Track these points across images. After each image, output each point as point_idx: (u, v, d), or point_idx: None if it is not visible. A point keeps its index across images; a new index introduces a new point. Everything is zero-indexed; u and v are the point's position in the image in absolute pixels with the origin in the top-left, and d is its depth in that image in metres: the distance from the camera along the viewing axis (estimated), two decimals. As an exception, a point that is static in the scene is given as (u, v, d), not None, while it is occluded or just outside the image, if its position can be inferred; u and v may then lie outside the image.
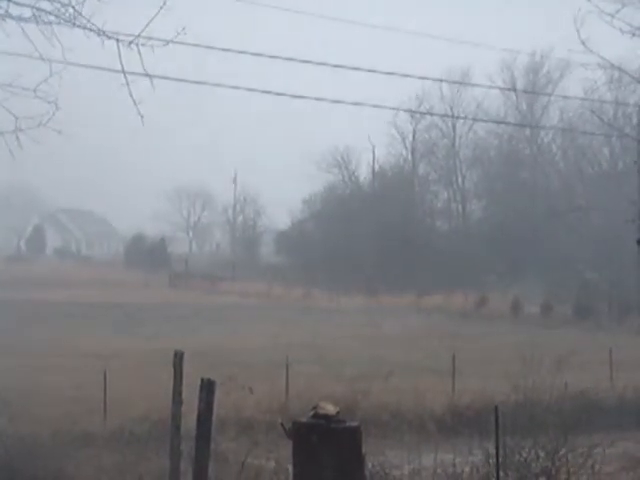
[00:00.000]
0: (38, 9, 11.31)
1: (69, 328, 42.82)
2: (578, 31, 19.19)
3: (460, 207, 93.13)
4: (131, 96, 11.79)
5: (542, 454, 12.26)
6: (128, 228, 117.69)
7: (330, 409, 11.35)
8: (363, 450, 11.54)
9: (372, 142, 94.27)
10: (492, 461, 12.13)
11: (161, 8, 11.55)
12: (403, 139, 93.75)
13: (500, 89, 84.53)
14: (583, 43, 19.54)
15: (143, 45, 11.60)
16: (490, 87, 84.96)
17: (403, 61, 66.12)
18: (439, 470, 12.97)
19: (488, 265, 76.63)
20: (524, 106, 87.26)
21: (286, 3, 25.66)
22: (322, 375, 25.76)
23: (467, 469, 12.72)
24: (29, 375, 23.96)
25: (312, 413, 11.45)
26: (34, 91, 11.61)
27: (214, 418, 10.10)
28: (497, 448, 12.02)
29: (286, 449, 12.04)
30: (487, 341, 39.80)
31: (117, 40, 11.59)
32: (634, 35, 19.21)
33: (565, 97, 76.45)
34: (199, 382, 9.99)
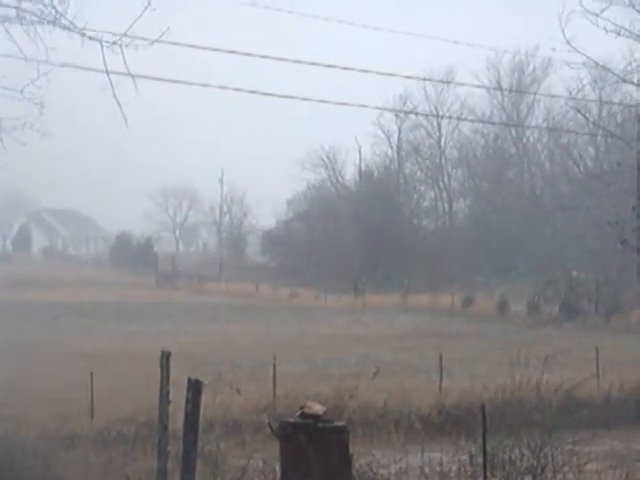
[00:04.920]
0: (22, 10, 11.30)
1: (56, 328, 42.71)
2: (563, 30, 19.28)
3: (446, 206, 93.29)
4: (115, 98, 11.79)
5: (527, 452, 12.30)
6: (115, 228, 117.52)
7: (317, 409, 11.38)
8: (350, 449, 11.57)
9: (359, 142, 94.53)
10: (479, 460, 12.16)
11: (146, 8, 11.56)
12: (388, 139, 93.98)
13: (486, 88, 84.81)
14: (568, 42, 19.64)
15: (127, 46, 11.60)
16: (475, 86, 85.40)
17: (387, 60, 66.24)
18: (426, 469, 12.99)
19: (475, 264, 76.78)
20: (509, 105, 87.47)
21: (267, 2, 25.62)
22: (309, 375, 25.77)
23: (454, 468, 12.75)
24: (15, 376, 23.88)
25: (299, 413, 11.48)
26: (21, 92, 11.59)
27: (201, 418, 10.10)
28: (484, 447, 12.05)
29: (274, 449, 12.07)
30: (474, 340, 39.86)
31: (100, 41, 11.58)
32: (619, 34, 19.32)
33: (550, 96, 76.69)
34: (186, 382, 9.99)
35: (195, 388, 9.90)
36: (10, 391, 20.05)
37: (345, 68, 25.78)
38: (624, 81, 25.48)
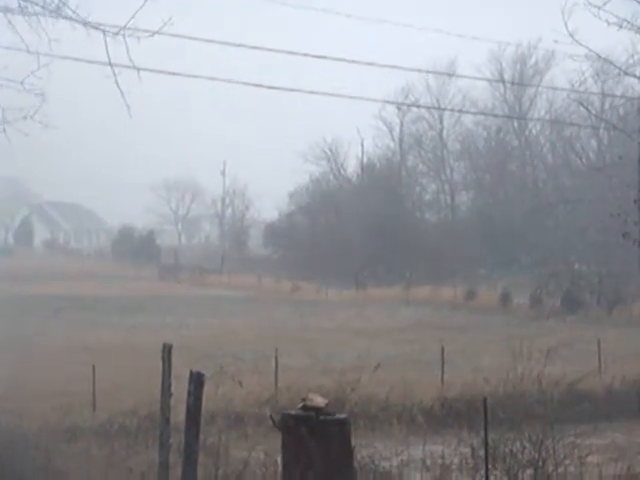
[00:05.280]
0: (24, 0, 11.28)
1: (58, 322, 42.74)
2: (566, 23, 19.27)
3: (448, 199, 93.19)
4: (118, 87, 11.76)
5: (528, 445, 12.30)
6: (117, 221, 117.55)
7: (319, 401, 11.36)
8: (352, 442, 11.56)
9: (361, 134, 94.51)
10: (481, 452, 12.16)
11: (146, 1, 11.52)
12: (390, 131, 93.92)
13: (488, 80, 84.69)
14: (571, 35, 19.62)
15: (130, 36, 11.56)
16: (477, 79, 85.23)
17: (390, 53, 66.14)
18: (428, 461, 13.00)
19: (477, 257, 76.74)
20: (512, 98, 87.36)
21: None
22: (311, 367, 25.82)
23: (456, 460, 12.75)
24: (17, 369, 23.90)
25: (301, 405, 11.46)
26: (22, 83, 11.56)
27: (203, 411, 10.10)
28: (486, 439, 12.05)
29: (275, 441, 12.06)
30: (476, 333, 39.86)
31: (103, 31, 11.54)
32: (621, 27, 19.29)
33: (552, 88, 76.66)
34: (188, 375, 9.98)
35: (197, 381, 9.90)
36: (12, 384, 20.06)
37: (352, 61, 25.76)
38: (626, 74, 25.49)
